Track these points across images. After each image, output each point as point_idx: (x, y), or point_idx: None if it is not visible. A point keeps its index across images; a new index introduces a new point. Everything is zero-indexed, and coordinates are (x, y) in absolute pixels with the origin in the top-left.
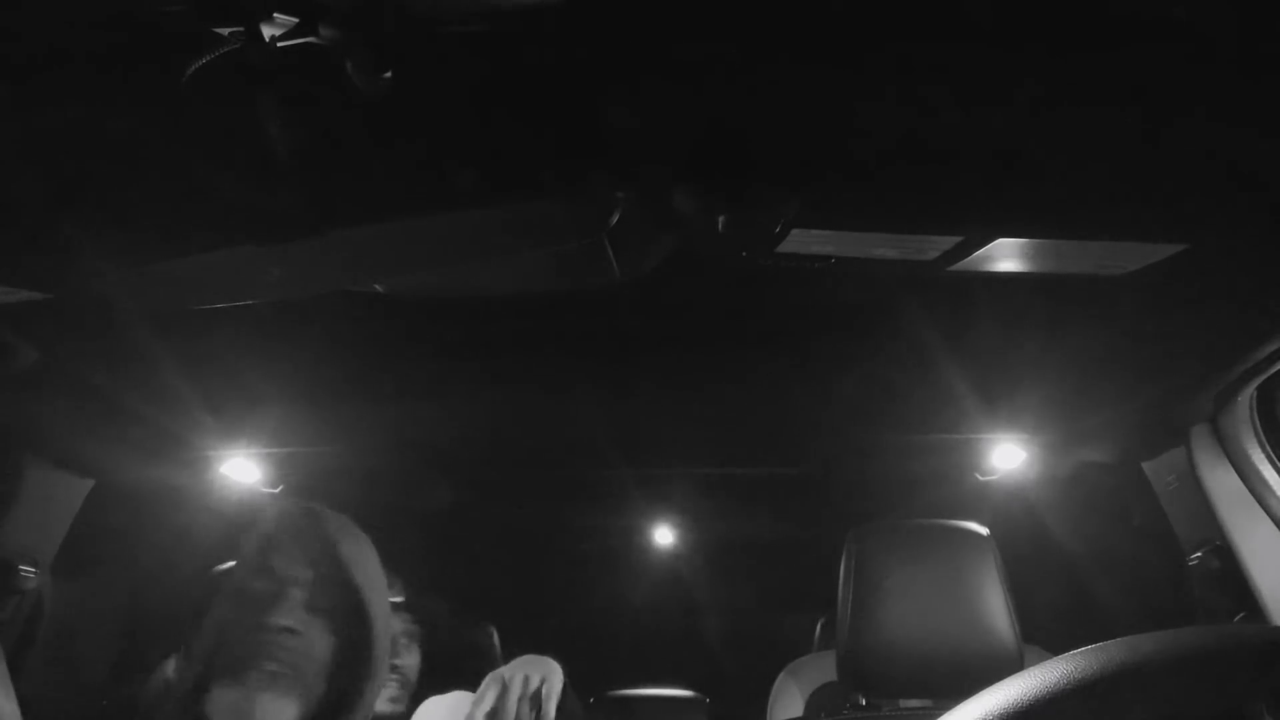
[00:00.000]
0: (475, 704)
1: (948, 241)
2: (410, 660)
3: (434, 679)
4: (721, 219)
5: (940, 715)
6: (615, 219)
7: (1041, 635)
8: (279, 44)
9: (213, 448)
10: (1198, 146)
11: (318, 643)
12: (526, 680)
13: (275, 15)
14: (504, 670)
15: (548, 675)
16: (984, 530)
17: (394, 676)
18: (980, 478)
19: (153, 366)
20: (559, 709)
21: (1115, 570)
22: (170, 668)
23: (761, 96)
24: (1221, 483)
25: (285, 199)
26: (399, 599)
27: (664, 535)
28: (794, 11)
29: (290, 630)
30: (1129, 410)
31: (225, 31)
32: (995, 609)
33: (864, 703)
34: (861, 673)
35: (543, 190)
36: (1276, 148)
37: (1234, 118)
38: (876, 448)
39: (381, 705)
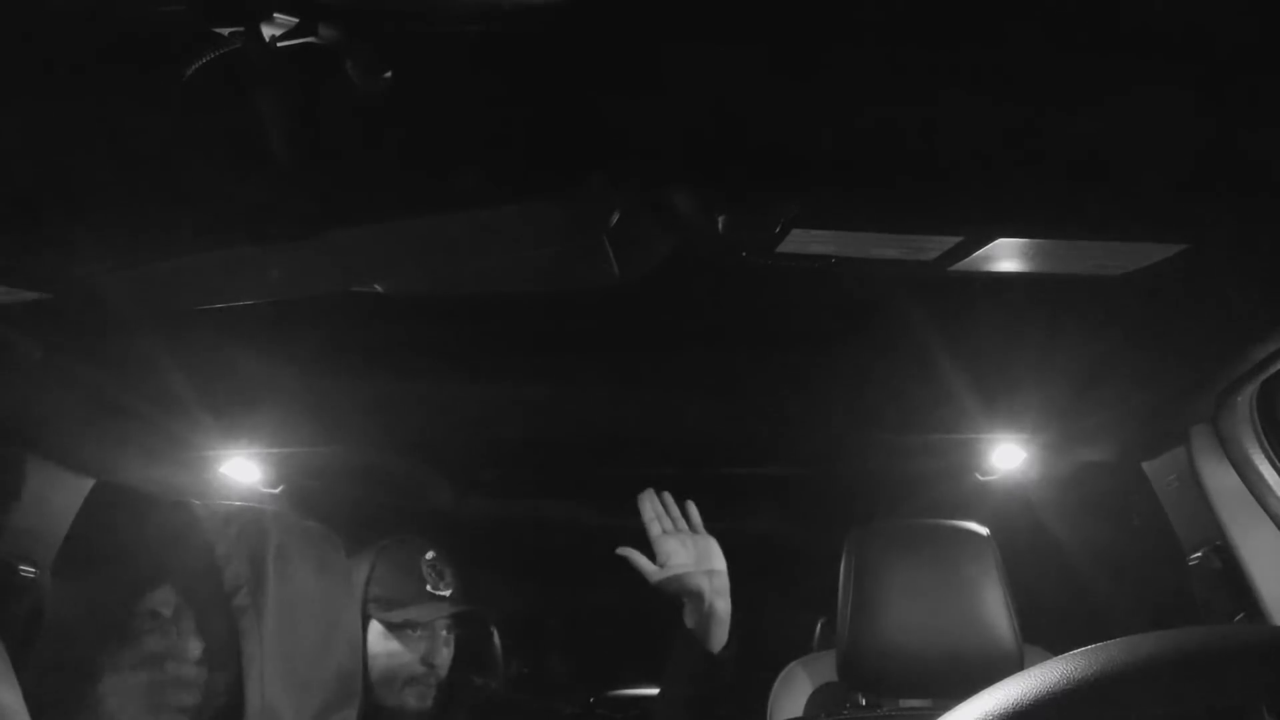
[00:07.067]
0: None
1: (948, 241)
2: (444, 659)
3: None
4: (721, 219)
5: (940, 715)
6: (615, 219)
7: (1041, 635)
8: (279, 44)
9: (213, 448)
10: (1198, 146)
11: None
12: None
13: (275, 15)
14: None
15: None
16: (984, 530)
17: (428, 671)
18: (980, 478)
19: (153, 366)
20: None
21: (1115, 570)
22: None
23: (761, 97)
24: (1221, 483)
25: (285, 199)
26: (446, 593)
27: None
28: (794, 12)
29: None
30: (1129, 410)
31: (225, 31)
32: (995, 609)
33: (864, 702)
34: (861, 672)
35: (542, 190)
36: (1277, 147)
37: (1235, 117)
38: (876, 448)
39: (411, 701)
